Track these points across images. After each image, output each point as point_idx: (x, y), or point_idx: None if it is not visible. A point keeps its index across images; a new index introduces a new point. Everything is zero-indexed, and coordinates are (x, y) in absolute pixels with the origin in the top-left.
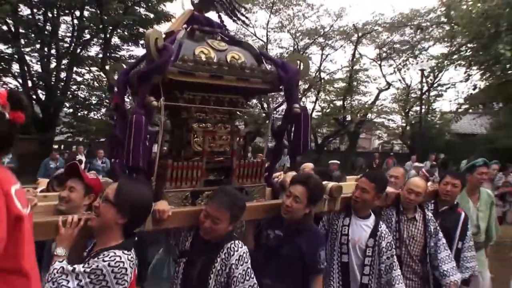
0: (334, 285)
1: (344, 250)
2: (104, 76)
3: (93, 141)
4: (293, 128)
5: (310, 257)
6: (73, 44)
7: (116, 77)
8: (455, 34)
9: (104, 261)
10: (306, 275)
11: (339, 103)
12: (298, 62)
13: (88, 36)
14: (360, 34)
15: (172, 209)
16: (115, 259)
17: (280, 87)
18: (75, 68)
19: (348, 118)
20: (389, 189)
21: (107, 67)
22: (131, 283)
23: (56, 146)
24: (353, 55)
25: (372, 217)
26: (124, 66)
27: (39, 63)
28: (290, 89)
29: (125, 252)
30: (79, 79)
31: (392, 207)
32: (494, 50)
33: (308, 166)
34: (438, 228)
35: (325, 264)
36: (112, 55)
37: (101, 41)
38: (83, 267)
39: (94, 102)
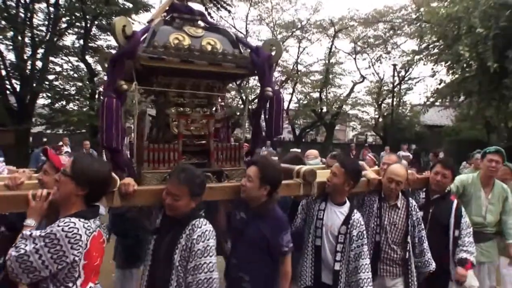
0: (307, 266)
1: (318, 234)
2: (84, 66)
3: (73, 132)
4: (266, 112)
5: (273, 241)
6: (49, 33)
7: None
8: (423, 32)
9: (58, 226)
10: (271, 257)
11: (315, 95)
12: (272, 47)
13: (65, 25)
14: (336, 28)
15: (137, 187)
16: (69, 225)
17: (254, 71)
18: (52, 58)
19: (325, 110)
20: (371, 175)
21: (87, 57)
22: (96, 256)
23: (37, 138)
24: (330, 48)
25: (347, 204)
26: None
27: (12, 52)
28: (262, 73)
29: (81, 220)
30: (58, 69)
31: (375, 193)
32: (456, 50)
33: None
34: (420, 218)
35: (291, 246)
36: (89, 44)
37: (77, 30)
38: (40, 232)
39: (73, 92)
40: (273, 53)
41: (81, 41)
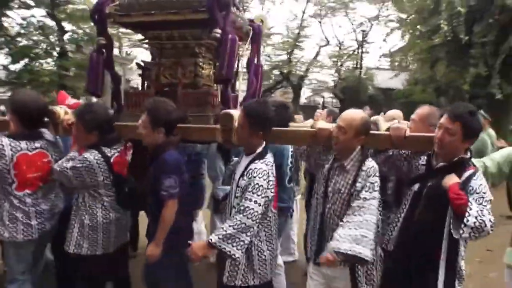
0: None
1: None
2: (55, 23)
3: (44, 93)
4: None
5: (154, 183)
6: None
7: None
8: (403, 5)
9: None
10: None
11: (282, 57)
12: None
13: None
14: None
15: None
16: None
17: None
18: (9, 13)
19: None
20: (322, 123)
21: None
22: (27, 169)
23: None
24: (303, 12)
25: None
26: None
27: None
28: (211, 14)
29: (9, 139)
30: (15, 23)
31: (328, 150)
32: (434, 23)
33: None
34: (370, 188)
35: (172, 192)
36: None
37: None
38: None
39: (41, 50)
40: None
41: None
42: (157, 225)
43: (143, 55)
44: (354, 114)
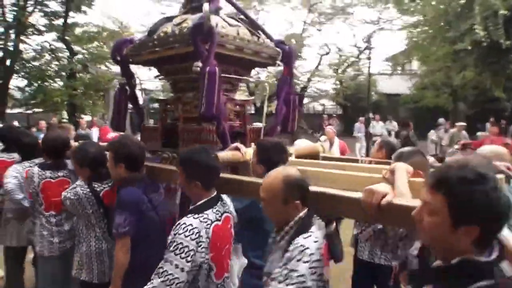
0: None
1: None
2: (64, 46)
3: (55, 112)
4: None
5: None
6: (17, 12)
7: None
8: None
9: None
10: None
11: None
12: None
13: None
14: None
15: None
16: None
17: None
18: (25, 39)
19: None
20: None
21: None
22: (51, 194)
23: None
24: (304, 22)
25: None
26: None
27: None
28: (194, 46)
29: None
30: (30, 51)
31: None
32: (458, 26)
33: None
34: (288, 279)
35: (122, 230)
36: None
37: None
38: None
39: (53, 71)
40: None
41: (61, 21)
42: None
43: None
44: (273, 179)
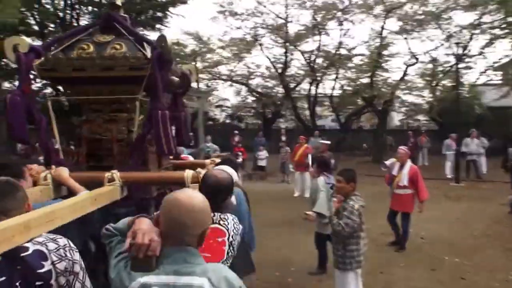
0: None
1: None
2: None
3: None
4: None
5: None
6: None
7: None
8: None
9: None
10: None
11: (364, 80)
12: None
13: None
14: (382, 6)
15: None
16: None
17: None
18: None
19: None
20: None
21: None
22: None
23: None
24: (382, 28)
25: None
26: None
27: None
28: (154, 72)
29: None
30: None
31: None
32: None
33: None
34: None
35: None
36: None
37: None
38: None
39: None
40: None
41: None
42: None
43: (222, 86)
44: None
